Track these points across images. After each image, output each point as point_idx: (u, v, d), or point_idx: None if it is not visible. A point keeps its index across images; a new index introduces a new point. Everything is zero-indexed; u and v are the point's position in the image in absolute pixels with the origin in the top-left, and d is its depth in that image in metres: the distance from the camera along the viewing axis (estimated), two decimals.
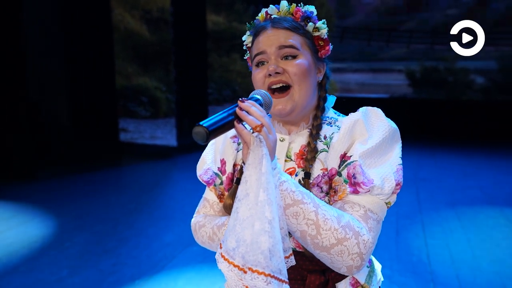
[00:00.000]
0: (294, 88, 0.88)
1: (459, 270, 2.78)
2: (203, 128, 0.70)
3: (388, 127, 0.87)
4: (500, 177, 5.01)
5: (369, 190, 0.81)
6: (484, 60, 7.32)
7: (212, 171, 0.98)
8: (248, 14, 7.46)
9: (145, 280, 2.62)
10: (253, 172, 0.72)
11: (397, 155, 0.86)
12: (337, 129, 0.90)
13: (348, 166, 0.83)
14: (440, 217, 3.73)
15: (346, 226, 0.78)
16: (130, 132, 6.62)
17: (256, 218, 0.70)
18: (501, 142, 6.71)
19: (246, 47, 1.00)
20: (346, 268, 0.80)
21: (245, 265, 0.71)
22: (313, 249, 0.80)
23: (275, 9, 0.95)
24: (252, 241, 0.70)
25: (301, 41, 0.90)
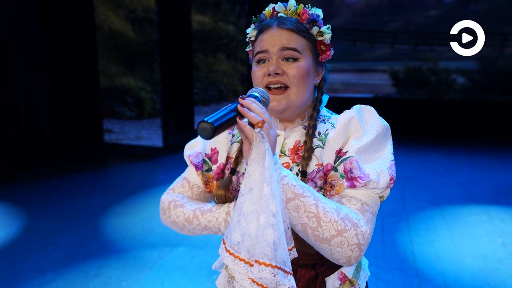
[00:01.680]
0: (292, 89, 0.89)
1: (443, 266, 2.83)
2: (209, 124, 0.71)
3: (381, 125, 0.90)
4: (480, 174, 5.12)
5: (365, 184, 0.83)
6: (465, 60, 7.48)
7: (202, 155, 0.99)
8: (234, 14, 7.45)
9: (132, 282, 2.59)
10: (257, 167, 0.73)
11: (390, 151, 0.89)
12: (331, 126, 0.92)
13: (345, 161, 0.85)
14: (424, 215, 3.80)
15: (345, 218, 0.80)
16: (115, 133, 6.52)
17: (261, 211, 0.71)
18: (481, 140, 6.87)
19: (249, 40, 1.00)
20: (345, 259, 0.81)
21: (251, 258, 0.72)
22: (313, 241, 0.81)
23: (283, 7, 0.95)
24: (258, 234, 0.71)
25: (304, 44, 0.91)
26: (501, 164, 5.62)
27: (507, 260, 2.90)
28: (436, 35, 7.85)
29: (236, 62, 7.57)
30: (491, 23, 7.34)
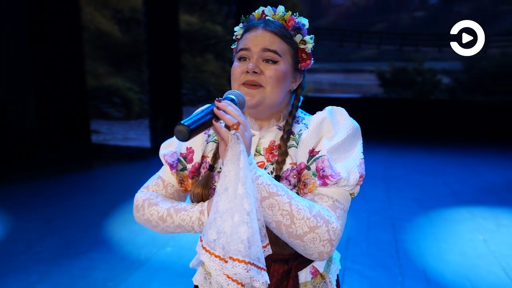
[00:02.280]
0: (266, 89, 0.92)
1: (426, 262, 2.89)
2: (185, 127, 0.74)
3: (351, 125, 0.93)
4: (465, 173, 5.22)
5: (336, 182, 0.87)
6: (450, 61, 7.61)
7: (178, 154, 1.01)
8: (222, 14, 7.47)
9: (118, 283, 2.59)
10: (232, 168, 0.76)
11: (359, 150, 0.93)
12: (304, 127, 0.95)
13: (317, 160, 0.88)
14: (409, 212, 3.87)
15: (317, 215, 0.83)
16: (103, 134, 6.49)
17: (235, 210, 0.74)
18: (466, 140, 7.00)
19: (236, 38, 1.03)
20: (317, 254, 0.84)
21: (225, 255, 0.75)
22: (287, 237, 0.84)
23: (272, 11, 0.98)
24: (232, 232, 0.74)
25: (285, 49, 0.94)
26: (486, 163, 5.74)
27: (487, 256, 2.98)
28: (421, 36, 7.97)
29: (224, 63, 7.58)
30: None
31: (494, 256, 2.98)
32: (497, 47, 7.46)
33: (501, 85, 7.36)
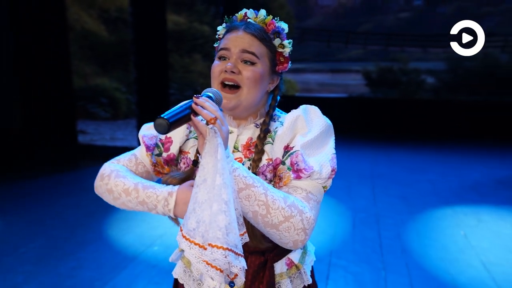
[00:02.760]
0: (243, 89, 0.96)
1: (409, 257, 2.97)
2: (165, 120, 0.77)
3: (324, 123, 0.98)
4: (447, 170, 5.34)
5: (309, 175, 0.91)
6: (434, 61, 7.76)
7: (157, 137, 1.04)
8: (209, 14, 7.49)
9: (105, 282, 2.61)
10: (210, 160, 0.80)
11: (332, 146, 0.97)
12: (280, 124, 1.00)
13: (291, 155, 0.93)
14: (393, 210, 3.95)
15: (291, 205, 0.87)
16: (90, 134, 6.45)
17: (214, 200, 0.78)
18: (449, 138, 7.15)
19: (218, 37, 1.06)
20: (292, 243, 0.88)
21: (204, 242, 0.79)
22: (263, 227, 0.88)
23: (254, 14, 1.02)
24: (211, 221, 0.78)
25: (264, 51, 0.98)
26: (468, 161, 5.87)
27: (468, 250, 3.07)
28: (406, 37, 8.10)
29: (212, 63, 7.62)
30: None
31: (474, 251, 3.07)
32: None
33: (484, 85, 7.53)
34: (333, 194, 4.33)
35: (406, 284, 2.61)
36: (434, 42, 7.99)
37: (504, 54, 7.55)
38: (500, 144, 6.84)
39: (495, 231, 3.44)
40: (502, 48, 7.61)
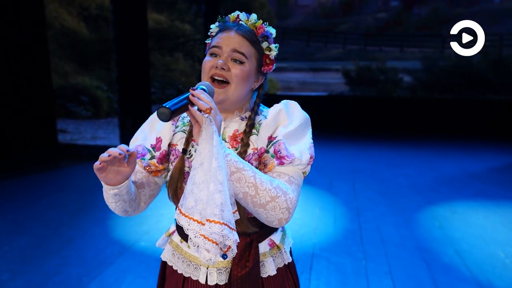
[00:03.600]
0: (231, 85, 1.04)
1: (387, 248, 3.10)
2: (167, 109, 0.86)
3: (303, 116, 1.08)
4: (424, 166, 5.55)
5: (291, 162, 1.01)
6: (410, 60, 8.01)
7: (144, 147, 1.12)
8: (191, 13, 7.50)
9: (93, 277, 2.63)
10: (206, 146, 0.88)
11: (309, 136, 1.07)
12: (263, 117, 1.09)
13: (275, 144, 1.02)
14: (371, 203, 4.10)
15: (277, 187, 0.96)
16: (70, 133, 6.37)
17: (210, 181, 0.86)
18: (425, 135, 7.40)
19: (210, 34, 1.14)
20: (277, 221, 0.97)
21: (202, 218, 0.87)
22: (252, 207, 0.96)
23: (246, 17, 1.10)
24: (208, 199, 0.86)
25: (252, 52, 1.06)
26: (442, 156, 6.11)
27: (442, 240, 3.24)
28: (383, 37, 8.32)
29: (194, 61, 7.62)
30: (432, 25, 7.90)
31: (448, 240, 3.24)
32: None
33: (457, 84, 7.82)
34: (316, 189, 4.45)
35: (386, 273, 2.74)
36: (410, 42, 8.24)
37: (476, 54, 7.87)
38: (472, 140, 7.13)
39: (468, 222, 3.63)
40: None
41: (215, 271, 1.08)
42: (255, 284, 1.06)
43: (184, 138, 1.11)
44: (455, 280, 2.66)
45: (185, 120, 1.15)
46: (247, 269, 1.05)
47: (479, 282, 2.64)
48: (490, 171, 5.37)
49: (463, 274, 2.73)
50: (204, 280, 1.08)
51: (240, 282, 1.04)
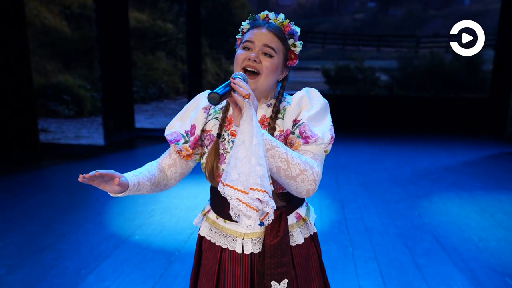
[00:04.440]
0: (262, 76, 1.16)
1: (371, 235, 3.29)
2: (217, 94, 1.00)
3: (323, 101, 1.22)
4: (401, 160, 5.81)
5: (315, 141, 1.14)
6: (387, 60, 8.31)
7: (179, 133, 1.26)
8: (172, 12, 7.54)
9: (90, 270, 2.69)
10: (247, 126, 1.00)
11: (329, 119, 1.21)
12: (287, 103, 1.22)
13: (299, 126, 1.15)
14: (355, 196, 4.29)
15: (305, 162, 1.09)
16: (52, 133, 6.31)
17: (252, 156, 0.99)
18: (402, 131, 7.71)
19: (241, 30, 1.25)
20: (306, 192, 1.11)
21: (245, 188, 0.99)
22: (284, 179, 1.09)
23: (274, 16, 1.22)
24: (250, 171, 0.99)
25: (280, 48, 1.19)
26: (419, 151, 6.40)
27: (421, 227, 3.45)
28: (361, 36, 8.60)
29: (176, 60, 7.67)
30: (407, 26, 8.23)
31: (427, 227, 3.45)
32: (427, 48, 8.27)
33: (430, 83, 8.18)
34: None
35: (371, 257, 2.92)
36: (387, 42, 8.54)
37: (448, 54, 8.23)
38: (446, 135, 7.48)
39: (444, 210, 3.86)
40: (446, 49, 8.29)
41: (250, 241, 1.20)
42: (285, 251, 1.18)
43: (217, 124, 1.23)
44: (435, 263, 2.86)
45: (216, 109, 1.27)
46: (278, 238, 1.17)
47: (456, 263, 2.85)
48: (463, 164, 5.67)
49: (441, 257, 2.93)
50: (240, 250, 1.21)
51: (272, 250, 1.16)
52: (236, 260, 1.21)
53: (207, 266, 1.26)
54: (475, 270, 2.77)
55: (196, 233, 3.29)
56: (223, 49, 8.84)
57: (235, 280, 1.20)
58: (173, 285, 2.54)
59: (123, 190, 1.14)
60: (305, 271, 1.27)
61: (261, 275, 1.18)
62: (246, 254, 1.21)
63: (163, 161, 1.31)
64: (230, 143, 1.20)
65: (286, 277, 1.18)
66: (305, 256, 1.27)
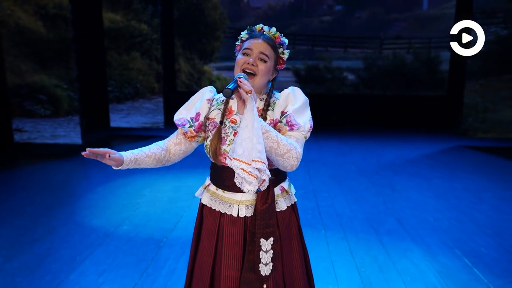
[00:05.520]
0: (257, 77, 1.46)
1: (342, 219, 3.64)
2: (229, 89, 1.30)
3: (304, 98, 1.52)
4: (367, 153, 6.25)
5: (298, 129, 1.45)
6: (353, 60, 8.78)
7: (185, 119, 1.54)
8: (147, 13, 7.66)
9: (85, 257, 2.88)
10: (250, 114, 1.31)
11: (309, 113, 1.51)
12: (276, 98, 1.52)
13: (286, 116, 1.46)
14: (326, 186, 4.65)
15: (290, 143, 1.40)
16: (27, 132, 6.31)
17: (253, 136, 1.30)
18: (368, 127, 8.20)
19: (240, 39, 1.54)
20: (290, 166, 1.41)
21: (249, 160, 1.29)
22: (274, 156, 1.39)
23: (268, 29, 1.53)
24: (252, 147, 1.29)
25: (272, 55, 1.49)
26: (383, 145, 6.87)
27: (385, 211, 3.84)
28: (329, 38, 9.04)
29: (152, 60, 7.79)
30: (372, 28, 8.74)
31: (390, 211, 3.85)
32: (390, 49, 8.80)
33: (394, 82, 8.72)
34: None
35: (342, 238, 3.27)
36: (353, 43, 9.02)
37: (409, 55, 8.80)
38: (408, 130, 8.03)
39: (405, 197, 4.29)
40: (408, 50, 8.86)
41: (244, 206, 1.49)
42: (272, 215, 1.47)
43: (219, 113, 1.52)
44: (396, 240, 3.24)
45: (218, 101, 1.56)
46: (267, 204, 1.46)
47: (414, 239, 3.24)
48: (423, 156, 6.18)
49: (402, 235, 3.32)
50: (236, 214, 1.49)
51: (262, 213, 1.45)
52: (232, 222, 1.49)
53: (208, 228, 1.54)
54: (430, 244, 3.17)
55: (181, 221, 3.54)
56: (196, 49, 9.03)
57: (231, 238, 1.48)
58: (165, 266, 2.78)
59: (119, 164, 1.44)
60: (287, 232, 1.57)
61: (252, 234, 1.47)
62: (240, 217, 1.49)
63: (169, 140, 1.59)
64: (230, 129, 1.48)
65: (272, 236, 1.47)
66: (287, 220, 1.57)
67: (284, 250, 1.55)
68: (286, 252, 1.57)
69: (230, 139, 1.47)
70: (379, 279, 2.68)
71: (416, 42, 8.73)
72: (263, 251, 1.45)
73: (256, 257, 1.45)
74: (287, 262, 1.56)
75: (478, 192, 4.47)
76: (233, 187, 1.43)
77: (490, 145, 6.80)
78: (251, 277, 1.45)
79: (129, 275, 2.64)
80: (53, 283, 2.53)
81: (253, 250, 1.45)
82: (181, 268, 2.72)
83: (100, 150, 1.38)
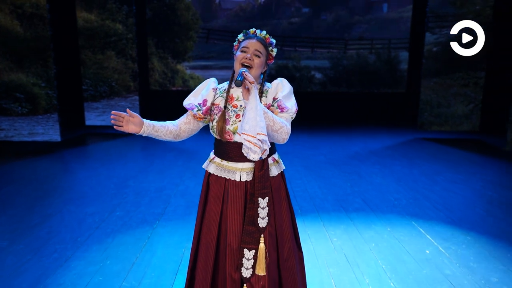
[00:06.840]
0: (253, 69, 1.84)
1: (315, 201, 4.07)
2: (239, 80, 1.66)
3: (290, 87, 1.91)
4: (336, 146, 6.76)
5: (287, 111, 1.84)
6: (320, 60, 9.32)
7: (194, 104, 1.89)
8: (122, 13, 7.83)
9: (86, 237, 3.14)
10: (253, 99, 1.69)
11: (294, 98, 1.90)
12: (268, 87, 1.89)
13: (277, 101, 1.84)
14: (299, 174, 5.08)
15: (282, 122, 1.79)
16: (4, 130, 6.35)
17: (257, 115, 1.67)
18: (336, 122, 8.75)
19: (237, 40, 1.91)
20: (282, 139, 1.80)
21: (254, 133, 1.66)
22: (271, 132, 1.76)
23: (259, 32, 1.90)
24: (256, 125, 1.66)
25: (264, 52, 1.87)
26: (350, 138, 7.42)
27: (353, 194, 4.32)
28: (297, 39, 9.53)
29: (127, 59, 7.97)
30: (337, 30, 9.31)
31: (357, 193, 4.32)
32: (354, 49, 9.41)
33: (358, 80, 9.34)
34: None
35: (316, 216, 3.69)
36: (320, 44, 9.56)
37: (371, 55, 9.44)
38: (372, 125, 8.65)
39: (370, 182, 4.79)
40: (370, 50, 9.50)
41: (245, 173, 1.85)
42: (267, 179, 1.85)
43: (223, 100, 1.88)
44: (362, 216, 3.71)
45: (221, 90, 1.91)
46: (263, 171, 1.83)
47: (378, 216, 3.73)
48: (385, 148, 6.76)
49: (367, 212, 3.80)
50: (238, 179, 1.85)
51: (259, 178, 1.82)
52: (236, 186, 1.86)
53: (215, 192, 1.90)
54: (391, 219, 3.66)
55: (169, 207, 3.85)
56: (169, 48, 9.26)
57: (235, 199, 1.85)
58: (161, 241, 3.09)
59: (139, 127, 1.80)
60: (277, 194, 1.95)
61: (252, 194, 1.84)
62: (242, 181, 1.86)
63: (180, 120, 1.95)
64: (233, 112, 1.84)
65: (267, 196, 1.85)
66: (277, 184, 1.95)
67: (276, 211, 1.93)
68: (277, 213, 1.95)
69: (233, 120, 1.83)
70: (348, 246, 3.12)
71: (377, 43, 9.39)
72: (260, 208, 1.83)
73: (255, 213, 1.82)
74: (278, 219, 1.94)
75: (432, 176, 5.05)
76: (236, 157, 1.81)
77: (443, 137, 7.51)
78: (251, 229, 1.83)
79: (130, 250, 2.94)
80: (61, 259, 2.78)
81: (252, 207, 1.83)
82: (177, 241, 3.04)
83: (124, 114, 1.78)
